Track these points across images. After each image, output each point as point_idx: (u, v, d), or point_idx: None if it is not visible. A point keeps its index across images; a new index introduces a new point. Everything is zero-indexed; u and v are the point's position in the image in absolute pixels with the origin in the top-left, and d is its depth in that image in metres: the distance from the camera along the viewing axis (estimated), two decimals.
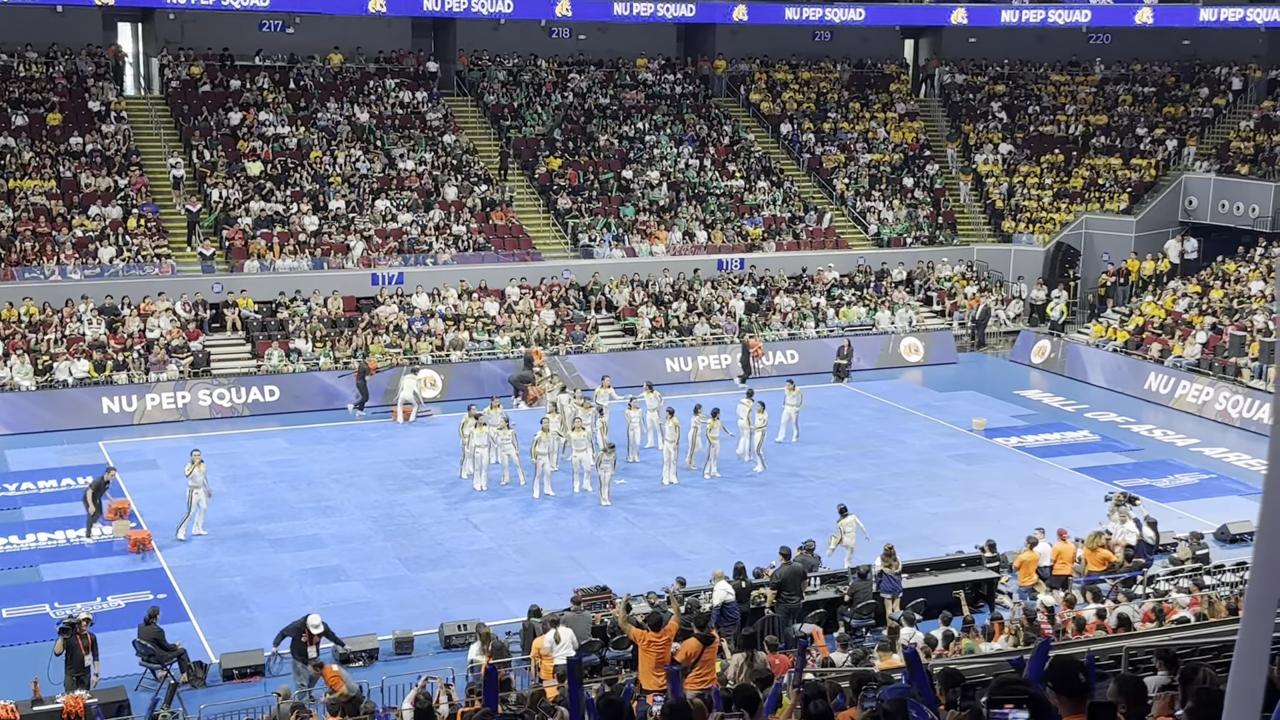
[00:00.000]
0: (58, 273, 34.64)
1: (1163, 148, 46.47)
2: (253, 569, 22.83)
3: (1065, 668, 5.52)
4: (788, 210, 44.02)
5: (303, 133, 41.49)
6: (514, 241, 39.82)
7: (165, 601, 20.61)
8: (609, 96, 47.06)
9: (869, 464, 29.28)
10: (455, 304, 37.04)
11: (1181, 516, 25.30)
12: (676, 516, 25.77)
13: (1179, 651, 9.99)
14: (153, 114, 41.53)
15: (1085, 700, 5.52)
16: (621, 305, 38.74)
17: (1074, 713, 5.29)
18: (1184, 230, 43.59)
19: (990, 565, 22.10)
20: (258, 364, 34.02)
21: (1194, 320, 37.27)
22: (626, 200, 42.51)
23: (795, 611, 20.05)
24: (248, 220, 37.73)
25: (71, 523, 24.52)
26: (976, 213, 46.73)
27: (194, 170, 39.28)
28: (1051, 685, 5.46)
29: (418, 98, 44.24)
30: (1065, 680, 5.39)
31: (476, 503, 26.45)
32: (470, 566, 23.10)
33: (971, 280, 43.15)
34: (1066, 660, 5.90)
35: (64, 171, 37.66)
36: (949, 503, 26.75)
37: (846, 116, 49.07)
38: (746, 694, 8.48)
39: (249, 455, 29.28)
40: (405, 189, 40.50)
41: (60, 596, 21.22)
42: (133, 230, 36.46)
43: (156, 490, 26.62)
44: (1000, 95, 51.03)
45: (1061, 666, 5.58)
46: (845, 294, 41.18)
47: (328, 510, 25.86)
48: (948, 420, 32.95)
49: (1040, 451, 30.50)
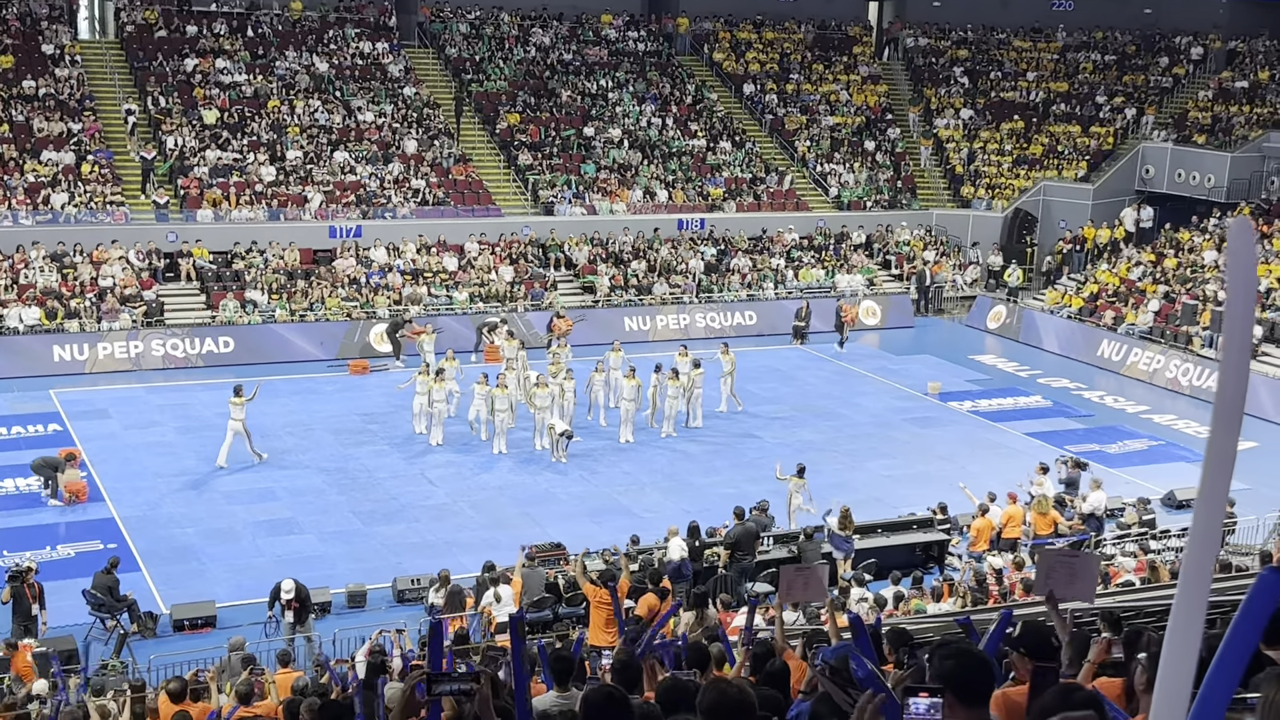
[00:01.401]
0: (9, 218, 34.13)
1: (1121, 116, 46.72)
2: (205, 520, 22.71)
3: (1037, 632, 5.47)
4: (749, 171, 43.99)
5: (260, 81, 40.97)
6: (473, 197, 39.58)
7: (114, 552, 20.46)
8: (572, 52, 46.75)
9: (824, 425, 29.43)
10: (414, 258, 36.82)
11: (1130, 482, 25.62)
12: (632, 475, 25.84)
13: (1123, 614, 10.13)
14: (107, 58, 40.88)
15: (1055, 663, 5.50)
16: (581, 263, 38.64)
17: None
18: (1140, 199, 43.91)
19: (941, 527, 22.33)
20: (212, 315, 33.73)
21: (1147, 288, 37.63)
22: (588, 158, 42.32)
23: (748, 571, 20.19)
24: (203, 169, 37.29)
25: (21, 471, 24.27)
26: (936, 177, 46.87)
27: (149, 117, 38.74)
28: (1023, 650, 5.45)
29: (378, 49, 43.77)
30: (1037, 645, 5.36)
31: (432, 457, 26.40)
32: (425, 521, 23.08)
33: (930, 245, 43.33)
34: (1038, 625, 5.86)
35: (16, 116, 37.05)
36: (902, 465, 26.95)
37: (809, 78, 48.99)
38: (698, 652, 8.52)
39: (202, 407, 29.04)
40: (364, 141, 40.13)
41: (9, 545, 21.04)
42: (86, 176, 35.96)
43: (108, 440, 26.41)
44: (963, 60, 51.09)
45: (1033, 631, 5.53)
46: (805, 256, 41.26)
47: (281, 463, 25.73)
48: (903, 384, 33.16)
49: (993, 416, 30.76)
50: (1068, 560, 6.71)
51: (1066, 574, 6.53)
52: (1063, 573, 6.54)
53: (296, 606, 18.11)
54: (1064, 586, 6.57)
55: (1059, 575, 6.53)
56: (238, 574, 20.57)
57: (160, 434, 27.06)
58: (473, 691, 4.25)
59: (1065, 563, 6.65)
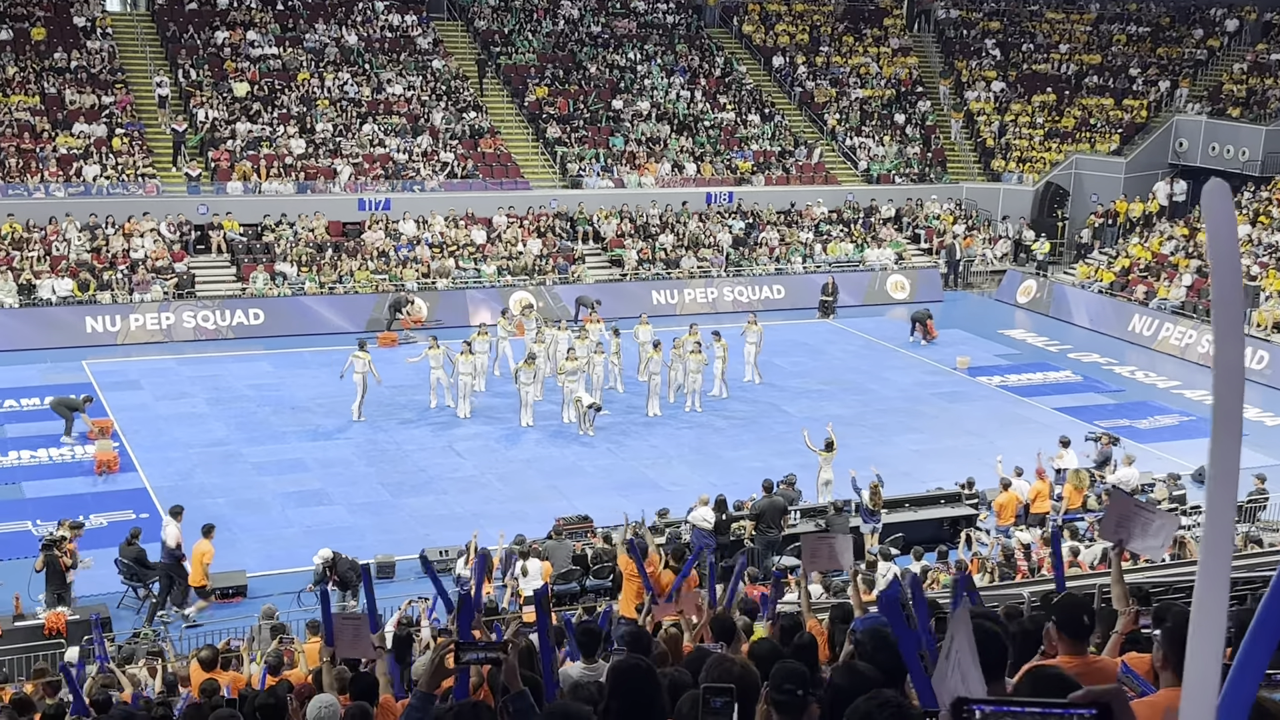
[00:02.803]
0: (42, 190, 34.36)
1: (1155, 89, 46.26)
2: (235, 491, 22.88)
3: (1072, 607, 5.36)
4: (778, 144, 43.80)
5: (290, 54, 41.04)
6: (502, 170, 39.59)
7: (147, 521, 20.64)
8: (600, 25, 46.60)
9: (852, 400, 29.38)
10: (442, 231, 36.87)
11: (1160, 457, 25.48)
12: (659, 448, 25.87)
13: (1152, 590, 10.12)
14: (138, 31, 41.01)
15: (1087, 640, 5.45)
16: (609, 236, 38.61)
17: (1072, 652, 5.21)
18: (1173, 172, 43.52)
19: (969, 502, 22.29)
20: (242, 287, 33.90)
21: (1180, 263, 37.33)
22: (616, 130, 42.23)
23: (774, 544, 20.21)
24: (234, 142, 37.41)
25: (54, 441, 24.53)
26: (967, 151, 46.56)
27: (180, 89, 38.87)
28: (1055, 623, 5.37)
29: (407, 21, 43.75)
30: (1071, 620, 5.28)
31: (460, 430, 26.50)
32: (453, 493, 23.19)
33: (960, 219, 43.09)
34: (1074, 599, 5.68)
35: (48, 88, 37.23)
36: (930, 440, 26.89)
37: (839, 50, 48.70)
38: (724, 625, 8.55)
39: (233, 378, 29.24)
40: (393, 114, 40.15)
41: (42, 514, 21.25)
42: (117, 149, 36.13)
43: (139, 411, 26.61)
44: (994, 32, 50.67)
45: (1068, 606, 5.40)
46: (833, 230, 41.10)
47: (311, 434, 25.88)
48: (931, 358, 33.05)
49: (1022, 391, 30.64)
50: (1145, 513, 6.49)
51: (1140, 526, 6.35)
52: (1137, 524, 6.36)
53: (335, 577, 18.25)
54: (1136, 539, 6.39)
55: (1132, 526, 6.36)
56: (267, 544, 20.73)
57: (191, 405, 27.24)
58: (499, 660, 4.30)
59: (1142, 515, 6.43)
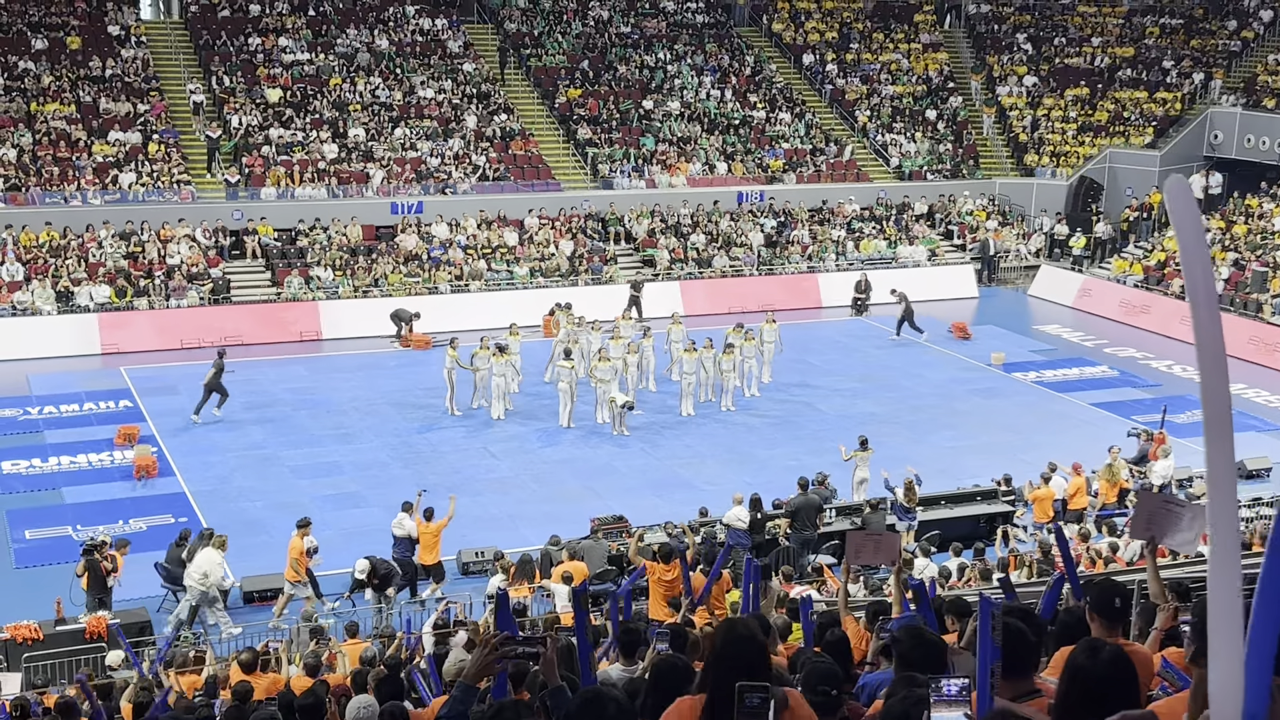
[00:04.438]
0: (78, 197, 34.69)
1: (1189, 81, 45.89)
2: (273, 494, 23.03)
3: (1105, 590, 5.65)
4: (809, 142, 43.71)
5: (322, 59, 41.28)
6: (533, 172, 39.68)
7: (186, 525, 20.79)
8: (630, 25, 46.64)
9: (886, 397, 29.28)
10: (474, 234, 37.00)
11: (1199, 452, 25.22)
12: (693, 448, 25.87)
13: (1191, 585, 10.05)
14: (172, 38, 41.34)
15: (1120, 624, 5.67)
16: (640, 236, 38.64)
17: (1106, 634, 5.42)
18: (1208, 165, 43.15)
19: (1006, 499, 22.19)
20: (277, 291, 34.11)
21: (1217, 256, 37.02)
22: (646, 131, 42.25)
23: (810, 543, 20.18)
24: (267, 148, 37.66)
25: (93, 446, 24.76)
26: (999, 146, 46.33)
27: (213, 96, 39.16)
28: (1089, 604, 5.64)
29: (437, 25, 43.92)
30: (1103, 602, 5.55)
31: (495, 431, 26.58)
32: (488, 495, 23.26)
33: (993, 214, 42.87)
34: (1107, 584, 5.98)
35: (84, 96, 37.59)
36: (966, 436, 26.78)
37: (870, 47, 48.56)
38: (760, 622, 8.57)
39: (269, 382, 29.43)
40: (425, 118, 40.31)
41: (82, 519, 21.47)
42: (153, 156, 36.43)
43: (176, 416, 26.81)
44: (1025, 26, 50.39)
45: (1102, 589, 5.71)
46: (865, 227, 40.98)
47: (347, 437, 26.02)
48: (966, 355, 32.90)
49: (1058, 386, 30.46)
50: (1174, 507, 6.64)
51: (1171, 522, 6.49)
52: (1168, 520, 6.51)
53: (376, 582, 18.37)
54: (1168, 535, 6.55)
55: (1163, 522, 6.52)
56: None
57: (228, 409, 27.42)
58: (539, 654, 4.34)
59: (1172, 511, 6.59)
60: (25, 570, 19.98)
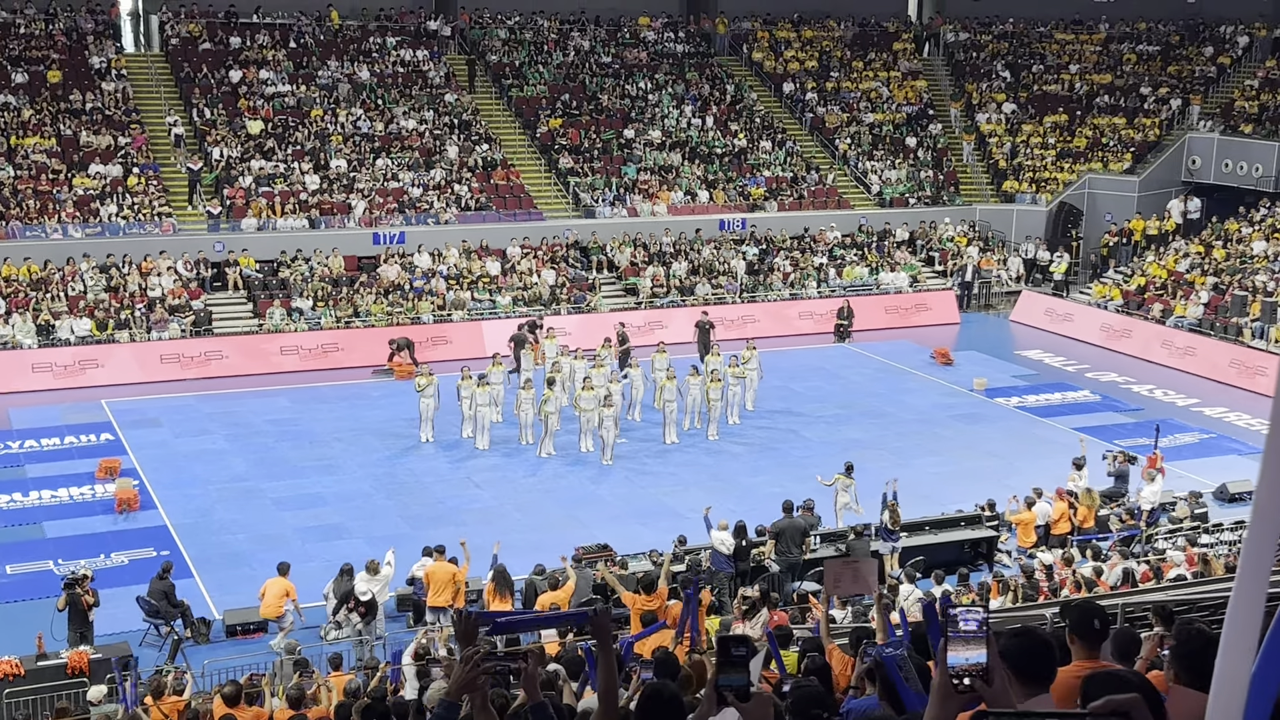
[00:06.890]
0: (59, 231, 34.60)
1: (1167, 107, 46.24)
2: (255, 526, 22.93)
3: (1085, 612, 5.70)
4: (790, 170, 43.89)
5: (303, 91, 41.33)
6: (515, 201, 39.74)
7: (168, 558, 20.68)
8: (611, 55, 46.84)
9: (870, 424, 29.32)
10: (456, 263, 37.00)
11: (1181, 476, 25.35)
12: (677, 475, 25.85)
13: (1175, 609, 10.06)
14: (153, 72, 41.35)
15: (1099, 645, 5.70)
16: (623, 265, 38.70)
17: (1088, 657, 5.47)
18: (1187, 190, 43.45)
19: (990, 524, 22.21)
20: (259, 323, 34.03)
21: (1196, 280, 37.22)
22: (628, 160, 42.38)
23: (796, 567, 20.16)
24: (248, 179, 37.64)
25: (74, 480, 24.63)
26: (979, 172, 46.59)
27: (194, 128, 39.16)
28: (1069, 627, 5.66)
29: (419, 56, 44.03)
30: (1082, 624, 5.59)
31: (478, 461, 26.53)
32: (472, 524, 23.16)
33: (974, 240, 43.07)
34: (1086, 605, 6.01)
35: (64, 129, 37.54)
36: (949, 462, 26.82)
37: (849, 75, 48.84)
38: None
39: (251, 414, 29.33)
40: (406, 148, 40.37)
41: (63, 553, 21.34)
42: (133, 189, 36.38)
43: (159, 448, 26.70)
44: (1004, 54, 50.76)
45: (1081, 611, 5.76)
46: (847, 254, 41.12)
47: (330, 468, 25.94)
48: (948, 380, 32.99)
49: (1041, 411, 30.55)
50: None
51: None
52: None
53: (363, 611, 18.27)
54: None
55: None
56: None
57: (210, 442, 27.33)
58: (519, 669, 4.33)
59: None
60: (6, 605, 19.83)
